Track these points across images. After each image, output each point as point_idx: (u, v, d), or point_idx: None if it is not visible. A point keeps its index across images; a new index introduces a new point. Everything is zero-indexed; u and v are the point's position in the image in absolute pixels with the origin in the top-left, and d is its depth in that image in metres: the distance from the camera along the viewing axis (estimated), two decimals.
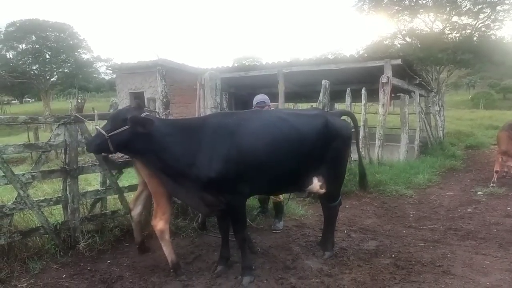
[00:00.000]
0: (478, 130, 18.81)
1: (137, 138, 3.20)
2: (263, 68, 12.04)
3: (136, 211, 3.94)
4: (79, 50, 41.79)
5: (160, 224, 3.49)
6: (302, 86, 13.63)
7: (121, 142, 3.24)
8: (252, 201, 5.20)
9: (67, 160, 3.94)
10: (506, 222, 5.24)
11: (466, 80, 50.29)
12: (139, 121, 3.14)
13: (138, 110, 3.39)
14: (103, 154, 3.94)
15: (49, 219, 3.98)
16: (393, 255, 4.07)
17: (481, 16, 22.16)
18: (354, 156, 7.53)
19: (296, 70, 11.16)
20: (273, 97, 15.14)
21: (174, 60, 13.78)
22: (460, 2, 22.80)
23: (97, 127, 3.40)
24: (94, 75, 47.56)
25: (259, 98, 4.87)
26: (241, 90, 14.13)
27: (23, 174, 3.72)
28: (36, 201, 3.81)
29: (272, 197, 4.91)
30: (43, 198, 4.12)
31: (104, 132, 3.24)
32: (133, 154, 3.49)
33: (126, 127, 3.17)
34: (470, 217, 5.58)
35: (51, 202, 3.98)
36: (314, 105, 8.45)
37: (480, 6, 21.77)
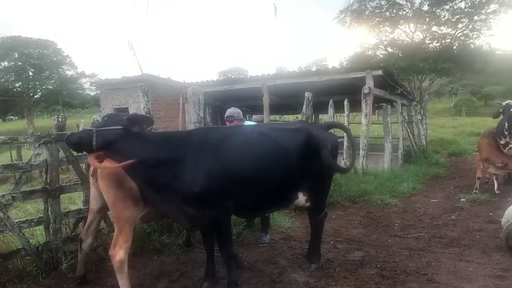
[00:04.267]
0: (460, 137, 19.13)
1: (125, 140, 3.08)
2: (247, 81, 12.15)
3: (87, 242, 3.67)
4: (63, 66, 41.65)
5: (120, 254, 3.13)
6: (287, 98, 13.75)
7: (107, 140, 3.06)
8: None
9: (48, 180, 3.89)
10: (489, 228, 5.32)
11: (448, 88, 51.48)
12: (138, 119, 3.10)
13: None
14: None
15: (30, 240, 3.90)
16: (378, 265, 4.09)
17: (460, 25, 22.86)
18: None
19: (280, 82, 11.27)
20: (259, 109, 15.30)
21: (159, 74, 13.78)
22: (439, 12, 23.53)
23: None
24: (79, 91, 47.41)
25: (229, 112, 4.89)
26: (226, 103, 14.18)
27: (3, 195, 3.65)
28: (17, 222, 3.73)
29: None
30: (24, 219, 4.04)
31: (92, 128, 3.13)
32: (115, 157, 3.15)
33: (119, 127, 3.07)
34: (454, 224, 5.65)
35: (32, 223, 3.91)
36: (299, 117, 8.52)
37: (458, 16, 22.47)
